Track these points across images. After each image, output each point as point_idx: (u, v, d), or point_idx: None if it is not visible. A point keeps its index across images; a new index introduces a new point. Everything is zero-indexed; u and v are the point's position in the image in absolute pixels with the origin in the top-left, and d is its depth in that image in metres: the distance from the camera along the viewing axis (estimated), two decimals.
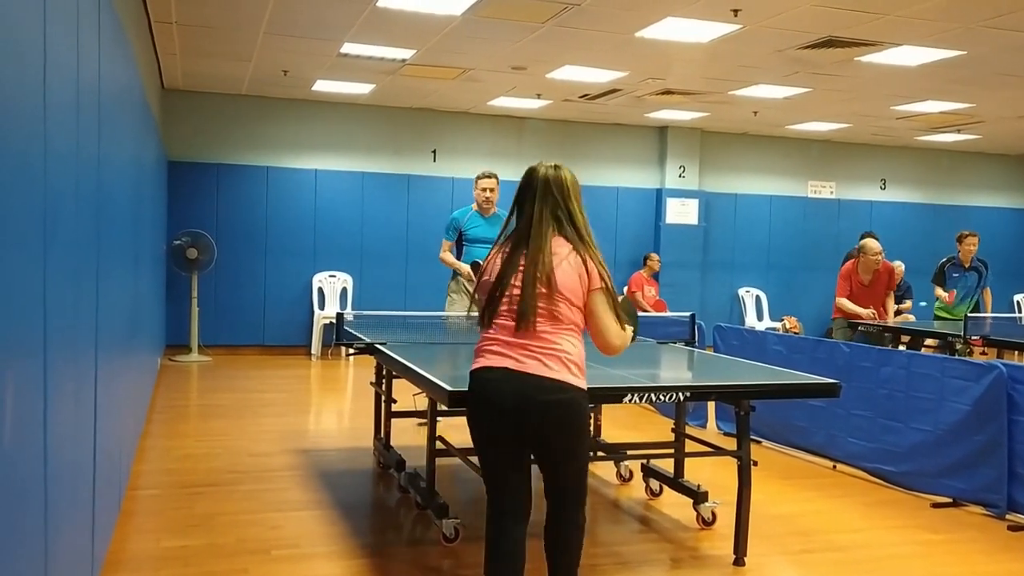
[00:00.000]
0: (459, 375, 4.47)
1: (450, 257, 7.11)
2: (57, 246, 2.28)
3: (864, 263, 8.18)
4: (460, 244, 7.15)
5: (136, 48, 6.02)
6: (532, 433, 3.06)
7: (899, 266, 10.17)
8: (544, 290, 3.02)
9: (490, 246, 7.30)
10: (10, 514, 1.76)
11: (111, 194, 3.69)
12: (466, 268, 6.89)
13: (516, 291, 3.05)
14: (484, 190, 7.02)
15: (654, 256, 12.36)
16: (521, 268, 3.07)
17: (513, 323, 3.05)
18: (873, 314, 8.07)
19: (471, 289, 7.05)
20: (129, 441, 5.24)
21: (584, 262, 3.07)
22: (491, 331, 3.12)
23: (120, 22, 4.23)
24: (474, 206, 7.16)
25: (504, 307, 3.09)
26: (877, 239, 10.59)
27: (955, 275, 9.16)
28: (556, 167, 3.20)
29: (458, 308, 7.02)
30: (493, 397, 3.06)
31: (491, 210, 7.09)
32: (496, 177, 7.11)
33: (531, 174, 3.22)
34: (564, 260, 3.05)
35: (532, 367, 3.01)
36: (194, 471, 5.65)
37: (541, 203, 3.14)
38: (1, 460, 1.66)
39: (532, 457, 3.18)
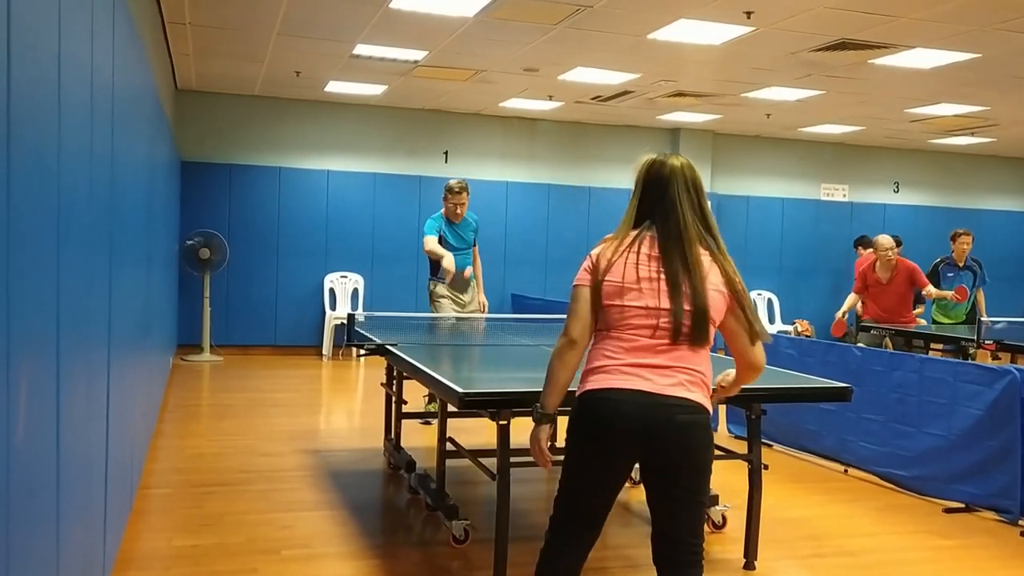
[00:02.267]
0: (470, 376, 4.49)
1: (436, 245, 7.09)
2: (70, 245, 2.29)
3: (879, 261, 8.08)
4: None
5: (150, 49, 6.05)
6: (662, 460, 2.69)
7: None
8: (691, 309, 2.66)
9: (460, 252, 7.11)
10: (23, 511, 1.77)
11: (124, 194, 3.71)
12: (450, 256, 6.95)
13: (662, 306, 2.66)
14: (456, 204, 7.12)
15: None
16: (663, 279, 2.67)
17: (656, 341, 2.66)
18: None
19: (458, 298, 7.16)
20: (141, 440, 5.26)
21: (728, 278, 2.73)
22: (620, 347, 2.69)
23: (134, 23, 4.25)
24: (443, 212, 7.23)
25: (643, 322, 2.67)
26: (898, 240, 10.50)
27: (949, 275, 9.11)
28: (686, 160, 2.86)
29: (447, 310, 7.13)
30: (618, 417, 2.66)
31: (460, 218, 7.22)
32: (468, 190, 7.20)
33: (661, 168, 2.80)
34: (709, 274, 2.70)
35: (673, 389, 2.64)
36: (205, 470, 5.66)
37: (682, 204, 2.75)
38: (14, 458, 1.67)
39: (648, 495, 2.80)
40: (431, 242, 7.10)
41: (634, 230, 2.77)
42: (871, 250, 10.25)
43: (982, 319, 7.87)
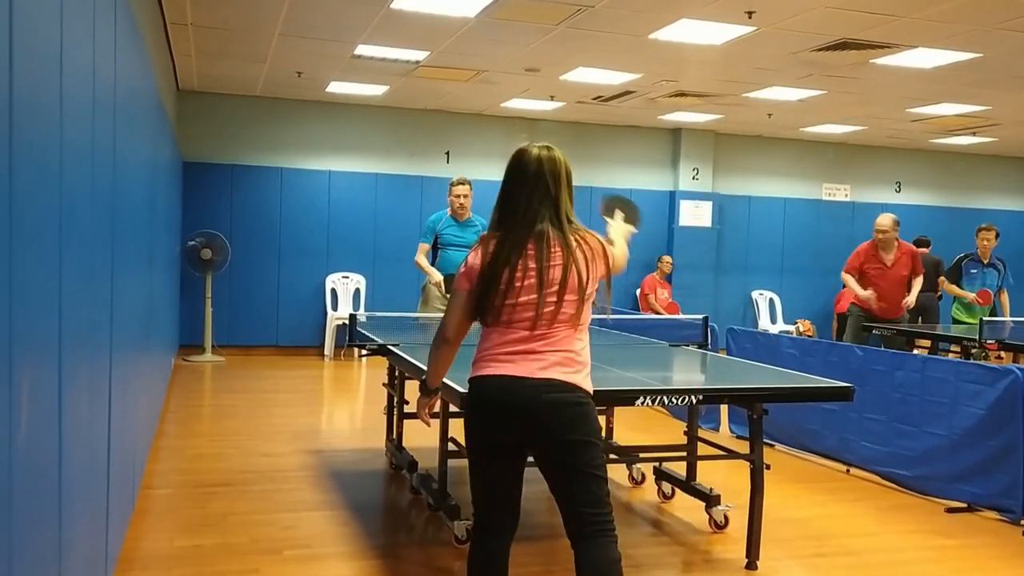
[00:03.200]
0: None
1: (424, 262, 7.20)
2: (72, 245, 2.29)
3: (881, 242, 7.71)
4: (435, 248, 7.27)
5: (151, 49, 6.05)
6: (541, 440, 2.86)
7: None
8: (553, 292, 2.82)
9: (464, 250, 7.43)
10: (25, 511, 1.77)
11: (126, 194, 3.71)
12: (438, 276, 7.04)
13: (525, 296, 2.82)
14: (458, 196, 7.16)
15: (666, 258, 12.34)
16: (523, 269, 2.83)
17: (521, 329, 2.84)
18: (871, 297, 7.57)
19: (442, 299, 7.08)
20: (143, 440, 5.27)
21: (588, 250, 2.88)
22: (496, 336, 2.89)
23: (136, 23, 4.26)
24: (448, 211, 7.26)
25: (510, 310, 2.85)
26: (926, 242, 10.35)
27: (973, 271, 8.91)
28: (549, 148, 2.97)
29: (432, 303, 7.16)
30: (497, 402, 2.87)
31: (465, 215, 7.21)
32: (469, 183, 7.23)
33: (520, 156, 2.97)
34: (567, 258, 2.83)
35: (541, 372, 2.81)
36: (207, 471, 5.67)
37: (527, 191, 2.89)
38: (17, 458, 1.67)
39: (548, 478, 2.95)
40: (420, 257, 7.23)
41: (500, 226, 2.92)
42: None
43: (985, 319, 7.85)
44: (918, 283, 7.76)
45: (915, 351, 8.18)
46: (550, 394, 2.80)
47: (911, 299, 7.71)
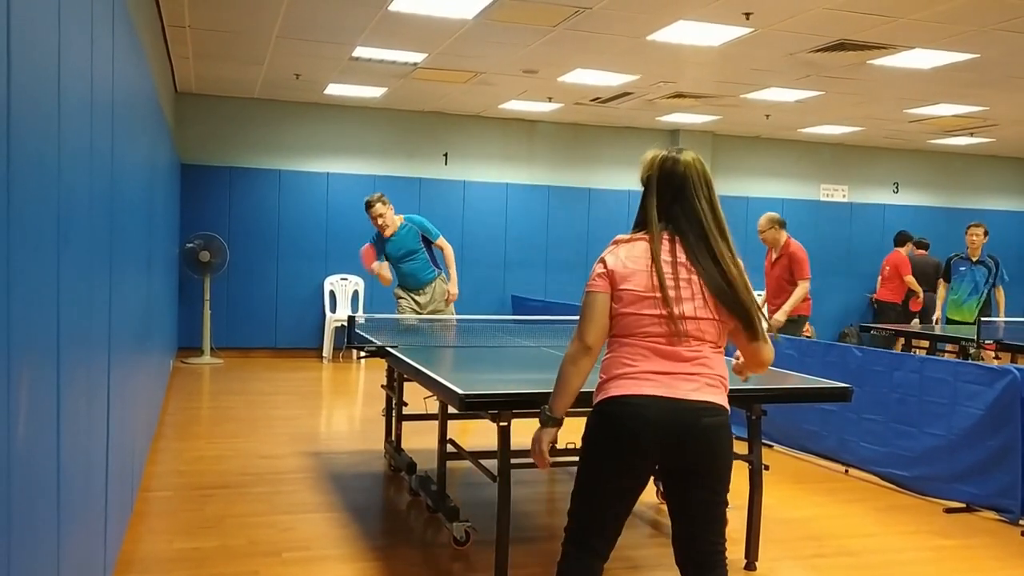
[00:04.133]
0: (470, 378, 4.49)
1: (375, 263, 7.33)
2: (71, 248, 2.29)
3: (762, 241, 7.66)
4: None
5: (149, 52, 6.05)
6: (688, 464, 2.66)
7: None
8: (710, 309, 2.64)
9: (406, 260, 7.22)
10: (23, 514, 1.77)
11: (124, 196, 3.71)
12: (387, 275, 7.23)
13: (679, 309, 2.61)
14: (374, 218, 7.30)
15: None
16: (679, 280, 2.63)
17: (674, 347, 2.62)
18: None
19: (415, 301, 7.24)
20: (141, 443, 5.26)
21: (744, 279, 2.69)
22: (638, 354, 2.64)
23: (134, 26, 4.26)
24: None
25: (658, 325, 2.62)
26: (925, 243, 10.44)
27: (961, 268, 8.99)
28: (695, 155, 2.75)
29: (405, 311, 7.25)
30: (644, 421, 2.60)
31: (389, 231, 7.32)
32: (383, 199, 7.37)
33: (675, 164, 2.71)
34: (736, 274, 2.67)
35: (696, 394, 2.60)
36: (206, 473, 5.66)
37: (700, 203, 2.67)
38: (14, 460, 1.67)
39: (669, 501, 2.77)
40: (367, 255, 7.36)
41: (648, 232, 2.68)
42: (907, 246, 10.27)
43: (983, 319, 7.86)
44: (799, 289, 7.47)
45: (913, 351, 8.20)
46: (708, 418, 2.61)
47: (779, 314, 7.38)
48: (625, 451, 2.64)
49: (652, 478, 2.82)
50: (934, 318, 9.36)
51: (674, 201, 2.69)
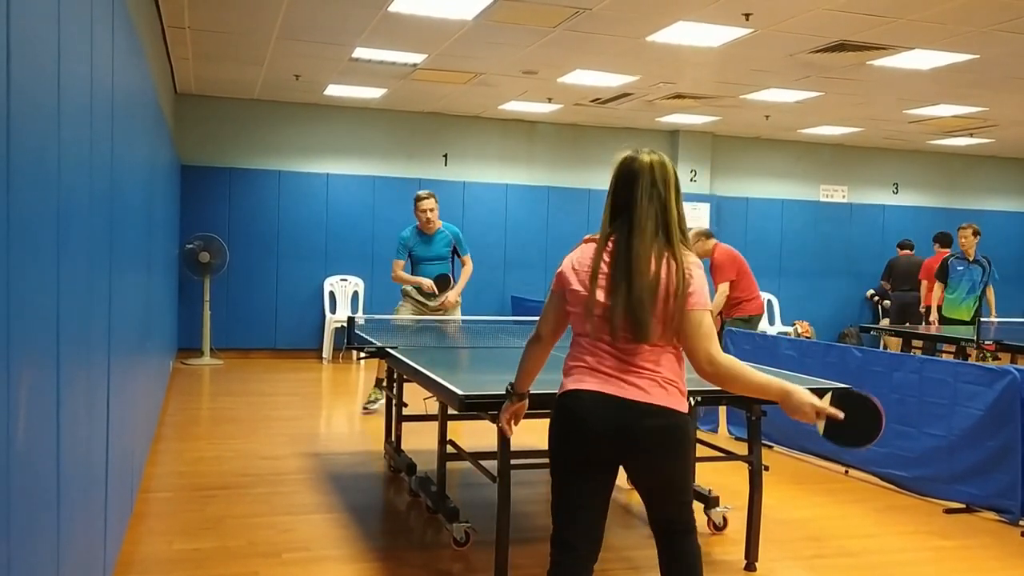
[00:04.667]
0: (470, 379, 4.49)
1: (405, 274, 7.37)
2: (70, 249, 2.29)
3: None
4: (412, 263, 7.48)
5: (149, 53, 6.05)
6: (633, 461, 2.73)
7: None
8: (651, 308, 2.63)
9: (434, 263, 7.32)
10: (23, 515, 1.77)
11: (124, 198, 3.71)
12: (428, 281, 7.22)
13: (610, 308, 2.65)
14: (424, 211, 7.31)
15: None
16: (616, 280, 2.67)
17: (617, 345, 2.67)
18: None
19: (424, 298, 7.31)
20: (141, 444, 5.26)
21: (687, 274, 2.65)
22: (585, 350, 2.74)
23: (133, 27, 4.26)
24: (417, 225, 7.41)
25: (600, 325, 2.68)
26: (909, 244, 10.60)
27: (959, 268, 9.11)
28: (658, 155, 2.80)
29: (407, 310, 7.36)
30: (589, 421, 2.68)
31: (432, 228, 7.35)
32: (434, 197, 7.35)
33: (630, 164, 2.80)
34: (654, 271, 2.65)
35: (638, 394, 2.64)
36: (206, 474, 5.66)
37: (642, 201, 2.71)
38: (14, 462, 1.67)
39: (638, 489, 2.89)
40: (398, 272, 7.38)
41: (606, 232, 2.77)
42: (947, 248, 10.32)
43: (982, 319, 7.87)
44: (717, 294, 7.94)
45: (912, 351, 8.21)
46: (650, 419, 2.64)
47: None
48: (577, 441, 2.73)
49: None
50: (931, 318, 9.41)
51: (624, 203, 2.76)
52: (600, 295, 2.68)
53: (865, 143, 13.48)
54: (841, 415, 2.62)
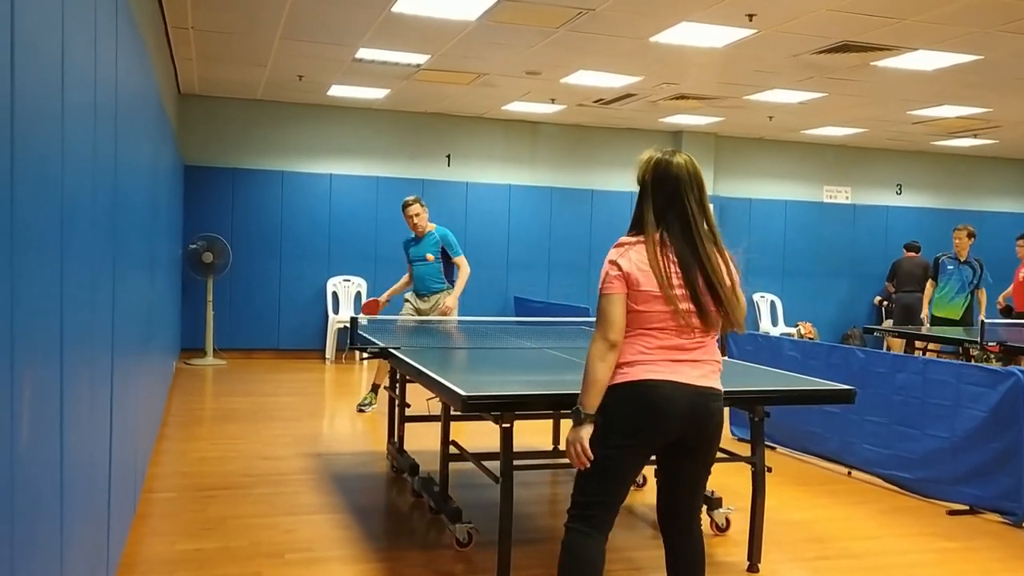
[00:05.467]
0: (473, 379, 4.49)
1: (401, 283, 7.86)
2: (74, 249, 2.29)
3: None
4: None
5: (153, 53, 6.06)
6: (695, 443, 2.98)
7: None
8: (704, 304, 2.89)
9: (418, 264, 7.58)
10: (26, 515, 1.77)
11: (127, 198, 3.71)
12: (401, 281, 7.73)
13: (683, 305, 2.86)
14: (409, 217, 7.65)
15: None
16: (675, 279, 2.87)
17: (681, 339, 2.90)
18: None
19: (416, 301, 7.66)
20: (144, 444, 5.27)
21: (731, 273, 2.97)
22: (653, 343, 2.89)
23: (137, 27, 4.26)
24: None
25: (666, 320, 2.87)
26: (916, 247, 10.72)
27: (949, 267, 9.26)
28: (687, 156, 2.99)
29: (406, 313, 7.66)
30: (666, 408, 2.88)
31: (421, 232, 7.70)
32: (419, 202, 7.69)
33: (668, 167, 2.93)
34: (720, 270, 2.93)
35: (703, 380, 2.92)
36: (209, 474, 5.67)
37: (691, 204, 2.92)
38: (18, 462, 1.67)
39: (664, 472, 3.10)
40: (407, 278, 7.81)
41: (656, 232, 2.90)
42: None
43: (986, 320, 7.86)
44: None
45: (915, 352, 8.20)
46: (715, 402, 2.95)
47: None
48: (648, 429, 2.90)
49: None
50: (921, 316, 9.52)
51: (667, 203, 2.92)
52: (677, 292, 2.86)
53: (869, 144, 13.47)
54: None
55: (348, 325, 5.67)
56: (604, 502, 2.98)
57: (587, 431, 2.91)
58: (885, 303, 13.33)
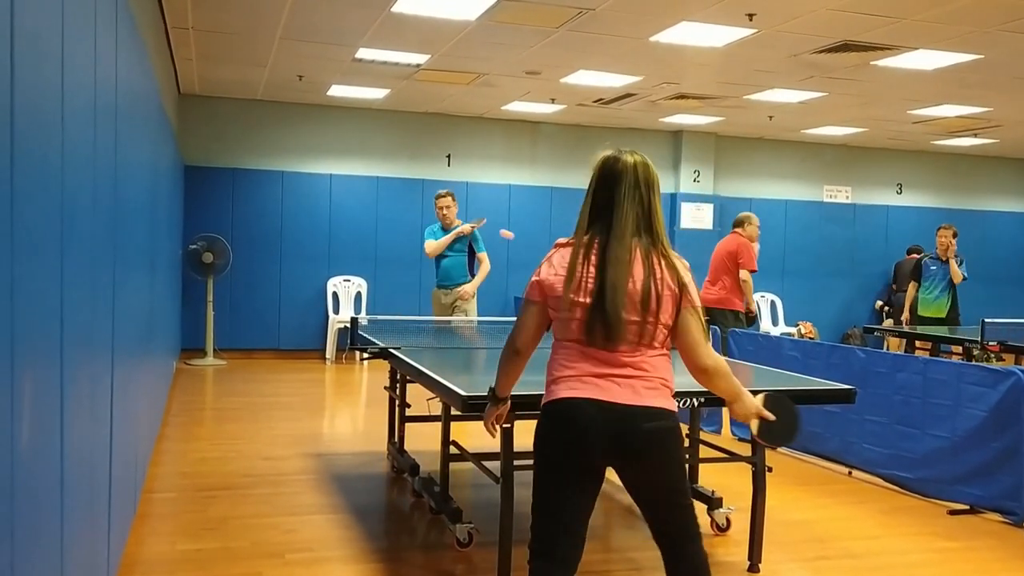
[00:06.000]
0: (473, 380, 4.49)
1: (435, 241, 7.81)
2: (74, 250, 2.29)
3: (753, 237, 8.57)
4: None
5: (153, 53, 6.06)
6: (630, 467, 2.71)
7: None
8: (636, 310, 2.62)
9: (451, 255, 7.67)
10: (27, 516, 1.77)
11: (128, 198, 3.71)
12: (467, 226, 7.73)
13: (604, 310, 2.62)
14: (441, 208, 7.84)
15: None
16: (594, 281, 2.64)
17: (603, 349, 2.65)
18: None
19: (442, 292, 7.75)
20: (145, 444, 5.27)
21: (676, 273, 2.67)
22: (572, 356, 2.70)
23: (137, 27, 4.26)
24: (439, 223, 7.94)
25: (586, 329, 2.65)
26: (919, 249, 10.83)
27: (933, 267, 9.33)
28: (640, 156, 2.77)
29: (434, 308, 7.86)
30: (582, 427, 2.64)
31: (450, 224, 7.82)
32: (451, 195, 7.92)
33: (613, 164, 2.73)
34: (652, 272, 2.64)
35: (632, 398, 2.62)
36: (209, 474, 5.67)
37: (625, 203, 2.68)
38: (18, 462, 1.67)
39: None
40: (429, 244, 7.84)
41: (586, 234, 2.72)
42: None
43: (987, 320, 7.85)
44: (749, 282, 8.98)
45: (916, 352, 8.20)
46: (648, 422, 2.63)
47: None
48: (567, 449, 2.68)
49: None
50: (902, 318, 9.62)
51: (606, 204, 2.71)
52: (583, 298, 2.64)
53: (869, 143, 13.46)
54: (773, 416, 2.87)
55: (348, 325, 5.66)
56: (554, 533, 2.70)
57: (492, 409, 3.03)
58: (886, 308, 13.34)
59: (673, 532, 2.77)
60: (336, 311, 11.39)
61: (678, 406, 2.84)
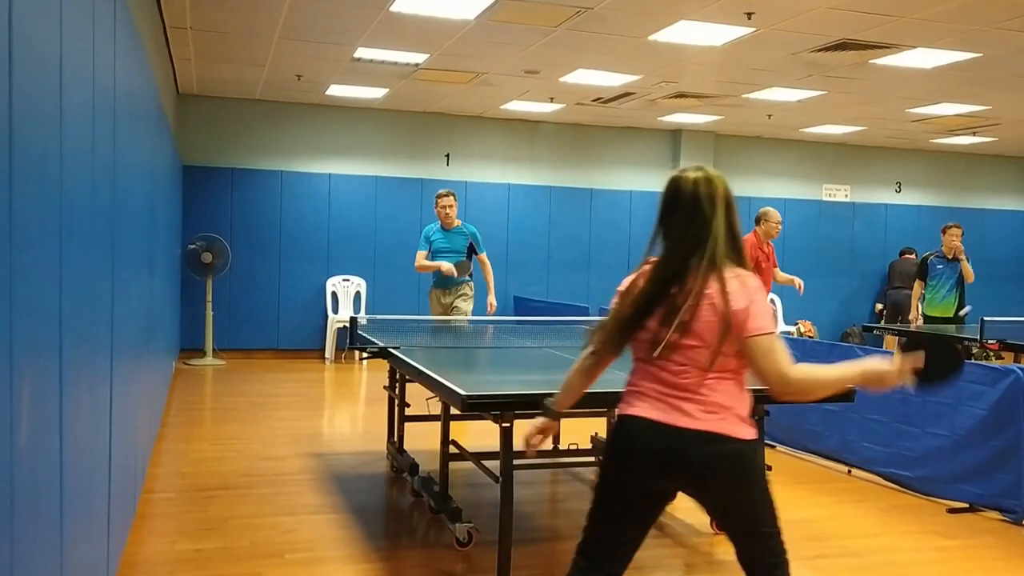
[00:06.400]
0: (472, 379, 4.49)
1: (425, 261, 7.70)
2: (73, 250, 2.29)
3: (772, 234, 8.35)
4: (432, 256, 7.84)
5: (151, 53, 6.05)
6: (690, 491, 2.66)
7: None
8: (695, 335, 2.55)
9: (449, 255, 7.54)
10: (26, 517, 1.77)
11: (126, 198, 3.71)
12: (447, 265, 7.50)
13: (665, 335, 2.57)
14: (443, 207, 7.67)
15: None
16: (662, 309, 2.58)
17: (664, 368, 2.59)
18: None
19: (441, 292, 7.66)
20: (144, 444, 5.27)
21: (726, 298, 2.53)
22: (638, 373, 2.68)
23: (135, 27, 4.26)
24: (439, 222, 7.78)
25: (645, 348, 2.63)
26: (915, 252, 10.81)
27: (939, 267, 9.25)
28: (704, 173, 2.67)
29: (433, 308, 7.72)
30: (637, 446, 2.60)
31: (451, 224, 7.72)
32: (453, 194, 7.76)
33: (675, 183, 2.66)
34: (704, 295, 2.54)
35: (687, 421, 2.54)
36: (208, 474, 5.67)
37: (683, 222, 2.61)
38: (17, 463, 1.67)
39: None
40: (421, 261, 7.71)
41: (651, 255, 2.68)
42: None
43: (986, 319, 7.86)
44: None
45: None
46: (700, 447, 2.53)
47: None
48: (616, 466, 2.66)
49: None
50: (910, 317, 9.57)
51: (672, 223, 2.65)
52: (643, 318, 2.61)
53: (868, 142, 13.47)
54: (920, 361, 2.61)
55: (347, 325, 5.66)
56: (598, 537, 2.68)
57: (539, 421, 2.87)
58: (884, 310, 13.37)
59: (752, 560, 2.64)
60: (335, 311, 11.39)
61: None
